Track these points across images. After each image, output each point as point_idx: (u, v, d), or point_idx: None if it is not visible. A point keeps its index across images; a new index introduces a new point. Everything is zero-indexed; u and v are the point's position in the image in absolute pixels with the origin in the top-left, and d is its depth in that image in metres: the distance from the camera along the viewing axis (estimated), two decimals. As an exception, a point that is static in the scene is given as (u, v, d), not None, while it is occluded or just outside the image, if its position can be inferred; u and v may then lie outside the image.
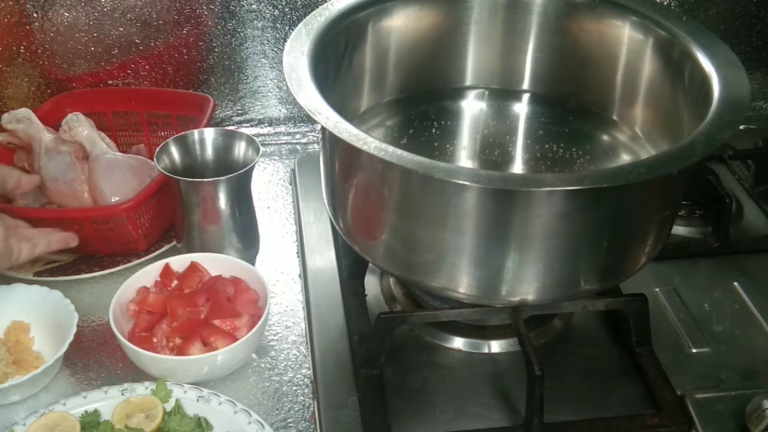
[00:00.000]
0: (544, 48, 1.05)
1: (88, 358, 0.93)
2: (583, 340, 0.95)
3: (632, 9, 0.97)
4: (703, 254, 1.06)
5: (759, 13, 1.29)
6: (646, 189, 0.78)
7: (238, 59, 1.25)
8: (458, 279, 0.81)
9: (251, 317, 0.91)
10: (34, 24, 1.17)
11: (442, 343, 0.93)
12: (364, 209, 0.85)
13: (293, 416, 0.87)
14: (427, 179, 0.75)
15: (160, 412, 0.83)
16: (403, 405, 0.86)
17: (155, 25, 1.20)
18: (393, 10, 0.99)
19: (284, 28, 1.23)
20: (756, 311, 0.98)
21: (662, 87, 0.96)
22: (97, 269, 1.02)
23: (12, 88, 1.21)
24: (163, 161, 0.98)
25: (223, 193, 0.96)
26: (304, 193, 1.15)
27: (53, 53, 1.19)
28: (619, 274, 0.86)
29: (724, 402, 0.84)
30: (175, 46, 1.22)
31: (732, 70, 0.85)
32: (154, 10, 1.18)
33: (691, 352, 0.92)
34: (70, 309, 0.92)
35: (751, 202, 1.15)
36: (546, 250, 0.78)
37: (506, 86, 1.08)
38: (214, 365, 0.87)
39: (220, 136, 1.02)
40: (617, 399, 0.87)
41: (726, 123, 0.78)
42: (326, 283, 1.00)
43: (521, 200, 0.75)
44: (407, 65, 1.04)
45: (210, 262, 0.97)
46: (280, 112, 1.30)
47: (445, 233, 0.78)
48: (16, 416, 0.86)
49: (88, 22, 1.18)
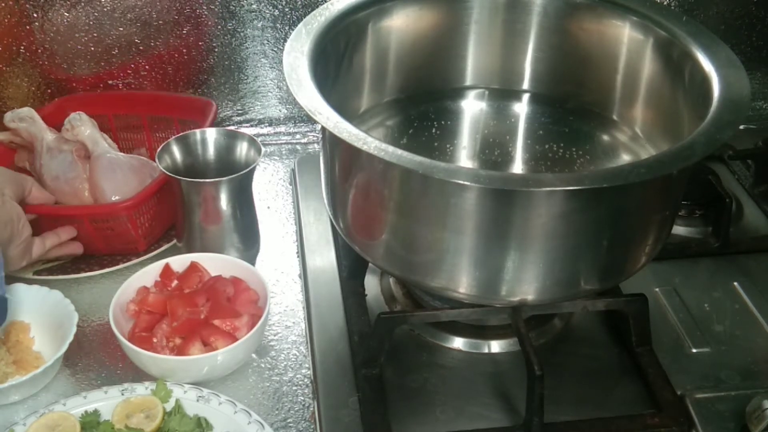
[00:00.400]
0: (544, 48, 1.05)
1: (88, 358, 0.93)
2: (583, 340, 0.95)
3: (632, 9, 0.97)
4: (703, 254, 1.06)
5: (759, 13, 1.29)
6: (646, 189, 0.78)
7: (238, 59, 1.25)
8: (458, 279, 0.81)
9: (251, 317, 0.91)
10: (34, 24, 1.17)
11: (442, 343, 0.93)
12: (364, 209, 0.85)
13: (293, 416, 0.87)
14: (427, 179, 0.75)
15: (160, 412, 0.83)
16: (403, 405, 0.86)
17: (155, 25, 1.20)
18: (393, 10, 0.99)
19: (284, 28, 1.23)
20: (756, 311, 0.98)
21: (662, 87, 0.96)
22: (96, 269, 1.02)
23: (12, 88, 1.21)
24: (164, 161, 0.98)
25: (225, 194, 0.96)
26: (304, 193, 1.15)
27: (53, 53, 1.19)
28: (619, 274, 0.86)
29: (724, 402, 0.84)
30: (175, 46, 1.22)
31: (732, 70, 0.85)
32: (154, 10, 1.19)
33: (691, 352, 0.92)
34: (70, 309, 0.92)
35: (751, 202, 1.15)
36: (546, 250, 0.78)
37: (506, 86, 1.08)
38: (214, 365, 0.87)
39: (221, 137, 1.02)
40: (617, 399, 0.87)
41: (726, 123, 0.78)
42: (326, 283, 1.00)
43: (521, 200, 0.75)
44: (407, 65, 1.04)
45: (210, 262, 0.97)
46: (280, 112, 1.31)
47: (445, 233, 0.78)
48: (16, 416, 0.86)
49: (88, 22, 1.18)
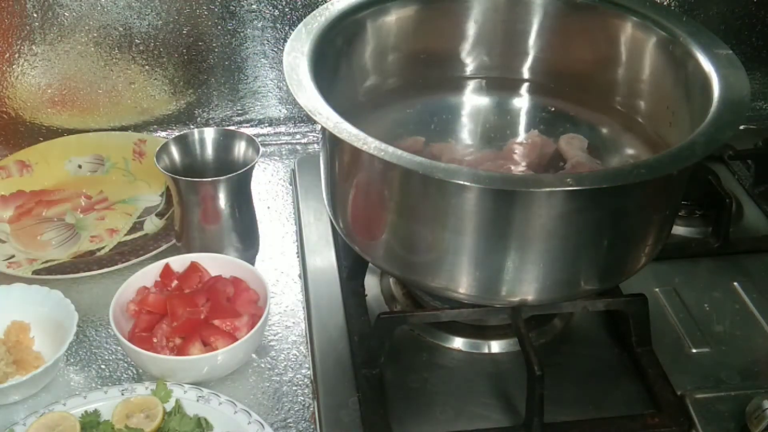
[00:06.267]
0: (544, 48, 1.05)
1: (88, 358, 0.93)
2: (583, 340, 0.95)
3: (632, 9, 0.97)
4: (703, 254, 1.06)
5: (759, 13, 1.29)
6: (646, 189, 0.78)
7: (238, 59, 1.25)
8: (458, 279, 0.81)
9: (251, 317, 0.91)
10: (35, 24, 1.17)
11: (442, 343, 0.93)
12: (364, 209, 0.85)
13: (293, 416, 0.87)
14: (427, 179, 0.75)
15: (160, 412, 0.83)
16: (403, 405, 0.86)
17: (155, 25, 1.20)
18: (392, 10, 0.99)
19: (284, 28, 1.23)
20: (756, 311, 0.98)
21: (662, 87, 0.96)
22: (96, 269, 1.02)
23: (12, 89, 1.21)
24: (163, 161, 0.98)
25: (223, 193, 0.96)
26: (304, 193, 1.15)
27: (53, 53, 1.19)
28: (619, 275, 0.86)
29: (724, 402, 0.84)
30: (175, 46, 1.22)
31: (732, 70, 0.85)
32: (154, 10, 1.19)
33: (691, 352, 0.92)
34: (70, 309, 0.92)
35: (751, 202, 1.15)
36: (546, 250, 0.78)
37: (506, 86, 1.08)
38: (214, 365, 0.87)
39: (220, 136, 1.02)
40: (617, 399, 0.87)
41: (726, 123, 0.78)
42: (326, 283, 1.00)
43: (521, 200, 0.75)
44: (407, 65, 1.04)
45: (210, 262, 0.97)
46: (280, 112, 1.30)
47: (445, 233, 0.78)
48: (16, 416, 0.86)
49: (88, 23, 1.18)
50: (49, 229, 1.11)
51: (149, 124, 1.28)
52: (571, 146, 0.97)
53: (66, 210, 1.14)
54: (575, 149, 0.97)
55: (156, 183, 1.19)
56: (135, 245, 1.07)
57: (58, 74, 1.21)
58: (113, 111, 1.26)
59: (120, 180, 1.20)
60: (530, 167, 0.95)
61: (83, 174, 1.21)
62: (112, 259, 1.04)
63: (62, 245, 1.09)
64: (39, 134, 1.25)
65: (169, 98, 1.26)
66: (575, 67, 1.04)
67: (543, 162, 0.97)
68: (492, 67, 1.07)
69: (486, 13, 1.04)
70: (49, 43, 1.18)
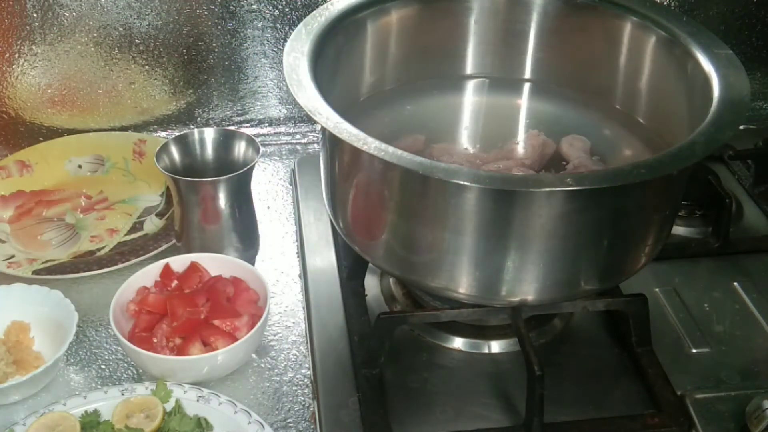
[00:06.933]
0: (544, 49, 1.05)
1: (88, 358, 0.93)
2: (583, 341, 0.95)
3: (632, 9, 0.97)
4: (703, 254, 1.06)
5: (759, 13, 1.29)
6: (646, 189, 0.78)
7: (238, 59, 1.25)
8: (458, 279, 0.81)
9: (251, 317, 0.91)
10: (35, 24, 1.17)
11: (442, 343, 0.93)
12: (364, 209, 0.85)
13: (293, 416, 0.87)
14: (427, 179, 0.75)
15: (160, 412, 0.83)
16: (403, 405, 0.86)
17: (155, 25, 1.20)
18: (392, 10, 0.99)
19: (284, 28, 1.23)
20: (756, 311, 0.98)
21: (662, 87, 0.96)
22: (96, 269, 1.02)
23: (12, 89, 1.21)
24: (163, 161, 0.98)
25: (223, 193, 0.96)
26: (304, 193, 1.15)
27: (53, 53, 1.19)
28: (619, 275, 0.86)
29: (724, 402, 0.84)
30: (175, 46, 1.22)
31: (732, 70, 0.85)
32: (154, 10, 1.19)
33: (691, 352, 0.92)
34: (70, 309, 0.92)
35: (751, 202, 1.15)
36: (546, 250, 0.78)
37: (506, 87, 1.08)
38: (214, 365, 0.87)
39: (220, 136, 1.02)
40: (617, 399, 0.87)
41: (726, 123, 0.78)
42: (326, 283, 1.00)
43: (521, 200, 0.75)
44: (407, 66, 1.04)
45: (210, 262, 0.97)
46: (280, 112, 1.30)
47: (445, 233, 0.78)
48: (16, 416, 0.86)
49: (88, 23, 1.18)
50: (49, 229, 1.11)
51: (149, 124, 1.28)
52: (574, 148, 0.97)
53: (66, 210, 1.14)
54: (578, 150, 0.97)
55: (156, 183, 1.19)
56: (135, 245, 1.07)
57: (58, 74, 1.21)
58: (113, 111, 1.26)
59: (120, 180, 1.20)
60: (530, 167, 0.95)
61: (83, 174, 1.21)
62: (112, 259, 1.04)
63: (62, 245, 1.09)
64: (39, 134, 1.25)
65: (169, 98, 1.26)
66: (575, 67, 1.04)
67: (543, 162, 0.97)
68: (492, 67, 1.07)
69: (486, 14, 1.04)
70: (49, 43, 1.18)
